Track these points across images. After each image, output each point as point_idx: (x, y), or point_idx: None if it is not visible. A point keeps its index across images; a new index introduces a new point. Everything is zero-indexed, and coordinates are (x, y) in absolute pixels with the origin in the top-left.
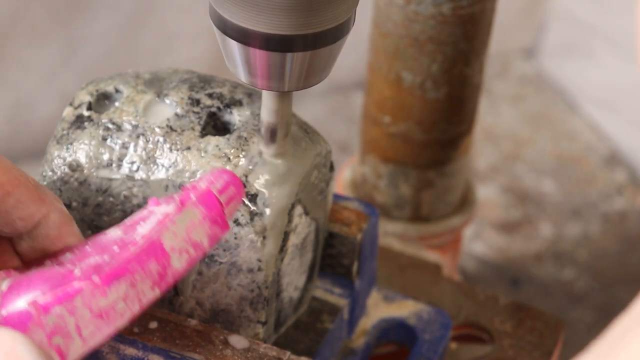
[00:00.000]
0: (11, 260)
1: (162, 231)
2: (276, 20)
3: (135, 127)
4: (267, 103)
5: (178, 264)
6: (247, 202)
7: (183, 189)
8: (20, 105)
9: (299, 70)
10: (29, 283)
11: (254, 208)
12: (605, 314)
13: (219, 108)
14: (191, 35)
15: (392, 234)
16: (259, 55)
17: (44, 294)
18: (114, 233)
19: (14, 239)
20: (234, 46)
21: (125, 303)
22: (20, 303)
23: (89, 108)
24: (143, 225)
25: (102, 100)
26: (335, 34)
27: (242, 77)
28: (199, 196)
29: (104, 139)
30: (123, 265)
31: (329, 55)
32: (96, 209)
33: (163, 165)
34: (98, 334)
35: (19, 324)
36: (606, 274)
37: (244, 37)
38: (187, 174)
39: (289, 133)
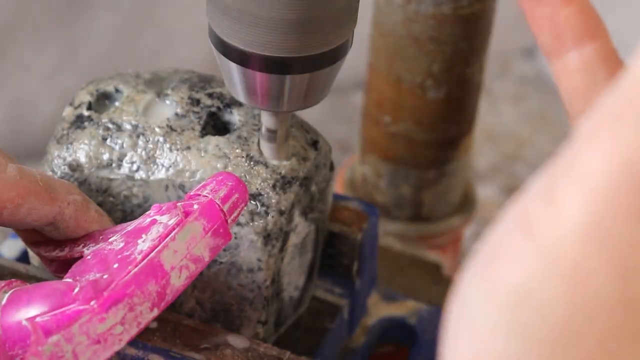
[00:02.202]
0: (41, 237)
1: (162, 250)
2: (275, 43)
3: (135, 127)
4: (266, 122)
5: (177, 281)
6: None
7: (187, 196)
8: (20, 105)
9: (297, 91)
10: (29, 298)
11: (254, 208)
12: None
13: (219, 108)
14: (191, 35)
15: (392, 234)
16: (257, 77)
17: (43, 314)
18: (116, 243)
19: (39, 229)
20: (233, 68)
21: (123, 327)
22: (20, 317)
23: (89, 108)
24: (144, 239)
25: (102, 100)
26: (334, 56)
27: (241, 97)
28: (201, 208)
29: (104, 138)
30: (122, 290)
31: (327, 76)
32: None
33: (163, 165)
34: (95, 359)
35: (19, 339)
36: None
37: (242, 59)
38: (187, 174)
39: (289, 137)
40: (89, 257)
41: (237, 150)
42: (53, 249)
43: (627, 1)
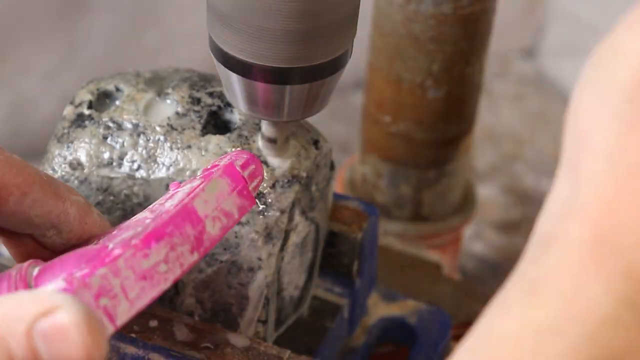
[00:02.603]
0: (40, 253)
1: (194, 198)
2: (275, 53)
3: (136, 125)
4: (266, 131)
5: (213, 230)
6: None
7: (204, 169)
8: (20, 104)
9: (297, 101)
10: (62, 263)
11: (255, 207)
12: None
13: (219, 107)
14: (191, 35)
15: (392, 234)
16: (257, 87)
17: (81, 269)
18: (139, 215)
19: (39, 235)
20: (233, 78)
21: (167, 265)
22: (57, 281)
23: (90, 107)
24: (171, 201)
25: (103, 99)
26: (334, 66)
27: (242, 107)
28: (223, 169)
29: (105, 137)
30: (161, 229)
31: (327, 87)
32: (97, 207)
33: (164, 164)
34: (144, 296)
35: None
36: None
37: (243, 69)
38: (187, 173)
39: (289, 139)
40: (114, 231)
41: (238, 149)
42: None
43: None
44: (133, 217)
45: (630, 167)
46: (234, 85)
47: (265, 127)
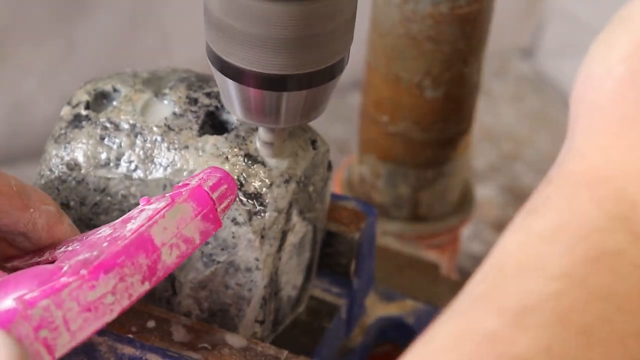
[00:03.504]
0: (11, 250)
1: (152, 226)
2: (272, 61)
3: (133, 126)
4: (263, 137)
5: (168, 258)
6: (245, 201)
7: (175, 187)
8: (19, 105)
9: (294, 108)
10: (17, 282)
11: (252, 207)
12: None
13: (216, 107)
14: (190, 36)
15: (390, 234)
16: (255, 94)
17: (32, 291)
18: (103, 231)
19: (10, 239)
20: (230, 84)
21: (114, 297)
22: (8, 301)
23: (87, 107)
24: (133, 222)
25: (100, 100)
26: (330, 73)
27: (238, 114)
28: (190, 192)
29: (102, 138)
30: (112, 259)
31: (323, 93)
32: (94, 208)
33: (161, 165)
34: (86, 328)
35: (6, 321)
36: None
37: (240, 76)
38: (185, 173)
39: (285, 139)
40: (77, 246)
41: (235, 150)
42: (30, 257)
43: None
44: (98, 230)
45: (619, 118)
46: (231, 92)
47: (263, 133)
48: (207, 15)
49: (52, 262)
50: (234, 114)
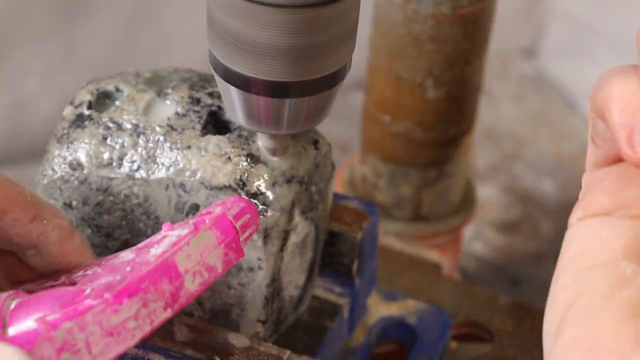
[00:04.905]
0: (23, 272)
1: (176, 252)
2: (275, 68)
3: (136, 126)
4: (265, 143)
5: (191, 286)
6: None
7: (198, 214)
8: (20, 104)
9: (296, 114)
10: (38, 302)
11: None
12: None
13: (219, 107)
14: (191, 35)
15: (392, 234)
16: (257, 101)
17: (54, 313)
18: (126, 255)
19: (20, 253)
20: (233, 91)
21: (136, 322)
22: (29, 321)
23: (90, 107)
24: (157, 248)
25: (103, 99)
26: (333, 80)
27: (241, 120)
28: (214, 220)
29: (105, 137)
30: (136, 284)
31: (326, 100)
32: (96, 207)
33: (163, 164)
34: (108, 352)
35: (26, 342)
36: None
37: (242, 83)
38: (187, 173)
39: (287, 145)
40: (97, 267)
41: (238, 149)
42: (45, 281)
43: (627, 1)
44: (120, 254)
45: None
46: (233, 99)
47: (264, 139)
48: (211, 23)
49: (71, 285)
50: (236, 120)
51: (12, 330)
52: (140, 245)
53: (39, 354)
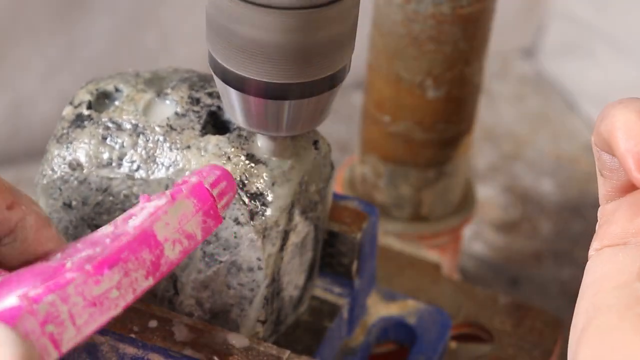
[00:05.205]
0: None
1: (154, 222)
2: (274, 70)
3: (136, 126)
4: (264, 145)
5: (171, 254)
6: (247, 201)
7: (174, 184)
8: (19, 104)
9: (296, 116)
10: (19, 279)
11: (254, 207)
12: None
13: (218, 107)
14: (191, 35)
15: (391, 234)
16: (256, 103)
17: (36, 288)
18: (104, 229)
19: None
20: (232, 93)
21: (119, 291)
22: (11, 299)
23: (89, 107)
24: (135, 219)
25: (102, 99)
26: (332, 82)
27: (240, 122)
28: (190, 189)
29: (104, 138)
30: (116, 254)
31: (325, 101)
32: (96, 208)
33: (163, 165)
34: (92, 322)
35: (10, 318)
36: None
37: (241, 84)
38: (187, 173)
39: (287, 147)
40: (78, 245)
41: (237, 149)
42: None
43: (627, 1)
44: (99, 230)
45: None
46: (232, 100)
47: (264, 140)
48: (210, 24)
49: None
50: (236, 121)
51: None
52: (118, 218)
53: (22, 327)
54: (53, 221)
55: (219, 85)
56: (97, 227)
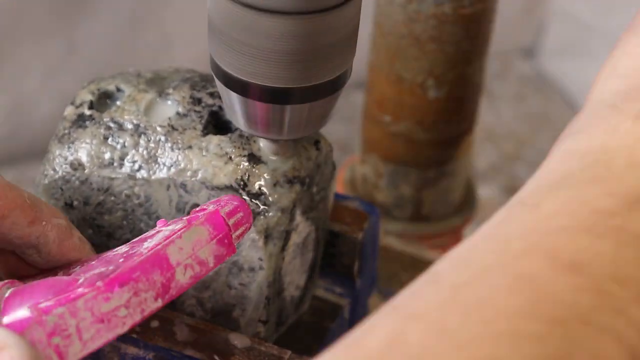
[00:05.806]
0: (24, 269)
1: (168, 245)
2: (275, 74)
3: (137, 126)
4: (266, 147)
5: (182, 278)
6: (248, 201)
7: (192, 211)
8: (20, 104)
9: (297, 120)
10: (32, 290)
11: (256, 207)
12: None
13: (220, 107)
14: (191, 35)
15: (392, 234)
16: (258, 107)
17: (47, 300)
18: (120, 249)
19: (20, 252)
20: (234, 97)
21: (127, 310)
22: (22, 310)
23: (91, 107)
24: (150, 241)
25: (104, 99)
26: (334, 86)
27: (242, 126)
28: (207, 216)
29: (106, 138)
30: (127, 273)
31: (327, 106)
32: (98, 207)
33: (164, 165)
34: (98, 338)
35: (19, 327)
36: None
37: (243, 89)
38: (188, 173)
39: (288, 151)
40: (93, 261)
41: (239, 149)
42: (44, 276)
43: (627, 1)
44: (115, 249)
45: None
46: (234, 104)
47: (265, 144)
48: (212, 29)
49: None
50: (237, 125)
51: (6, 319)
52: (134, 240)
53: (30, 337)
54: (75, 229)
55: (221, 89)
56: (99, 227)
